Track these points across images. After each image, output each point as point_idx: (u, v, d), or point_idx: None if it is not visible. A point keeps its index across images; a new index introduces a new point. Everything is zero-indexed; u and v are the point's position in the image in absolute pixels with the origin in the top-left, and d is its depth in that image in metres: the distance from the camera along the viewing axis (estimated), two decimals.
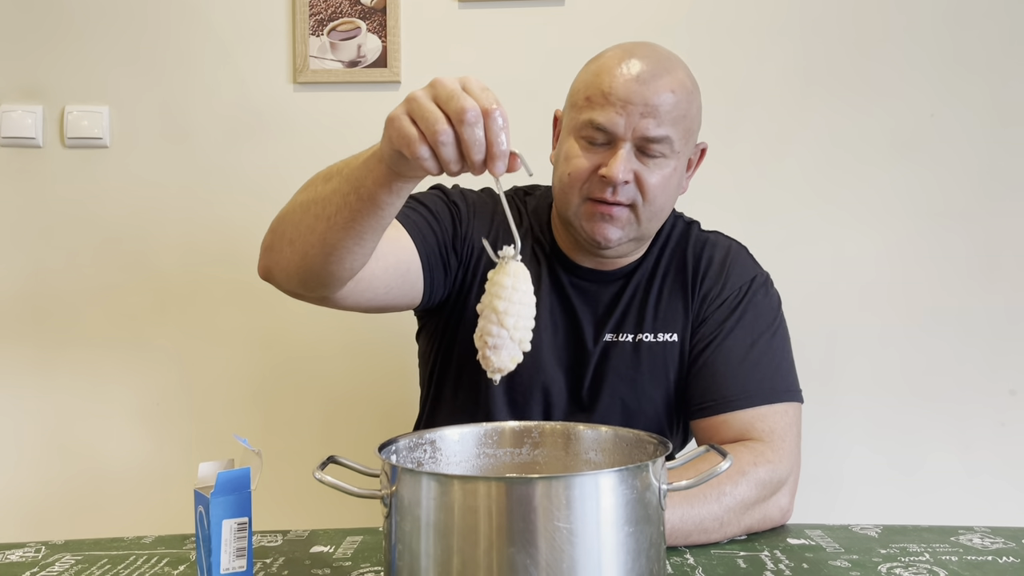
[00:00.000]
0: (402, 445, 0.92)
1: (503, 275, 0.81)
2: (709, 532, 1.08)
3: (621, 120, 1.17)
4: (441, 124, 0.78)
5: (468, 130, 0.77)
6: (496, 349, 0.80)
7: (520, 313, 0.80)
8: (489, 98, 0.78)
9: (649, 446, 0.90)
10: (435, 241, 1.26)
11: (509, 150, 0.78)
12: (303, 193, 1.06)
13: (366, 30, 1.81)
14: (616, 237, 1.22)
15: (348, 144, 1.82)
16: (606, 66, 1.20)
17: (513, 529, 0.73)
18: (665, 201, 1.23)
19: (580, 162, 1.20)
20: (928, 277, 1.84)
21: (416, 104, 0.80)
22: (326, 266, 1.04)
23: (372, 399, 1.86)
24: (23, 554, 1.07)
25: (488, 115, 0.77)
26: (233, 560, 0.88)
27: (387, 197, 0.92)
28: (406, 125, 0.80)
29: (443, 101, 0.79)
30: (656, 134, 1.17)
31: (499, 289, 0.80)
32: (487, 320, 0.80)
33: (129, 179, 1.85)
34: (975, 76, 1.82)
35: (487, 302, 0.81)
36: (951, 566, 1.01)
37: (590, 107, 1.19)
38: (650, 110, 1.17)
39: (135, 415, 1.87)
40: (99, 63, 1.83)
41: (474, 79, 0.80)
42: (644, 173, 1.19)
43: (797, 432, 1.23)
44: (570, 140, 1.22)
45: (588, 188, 1.21)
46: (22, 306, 1.85)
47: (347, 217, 0.96)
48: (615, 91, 1.17)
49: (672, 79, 1.19)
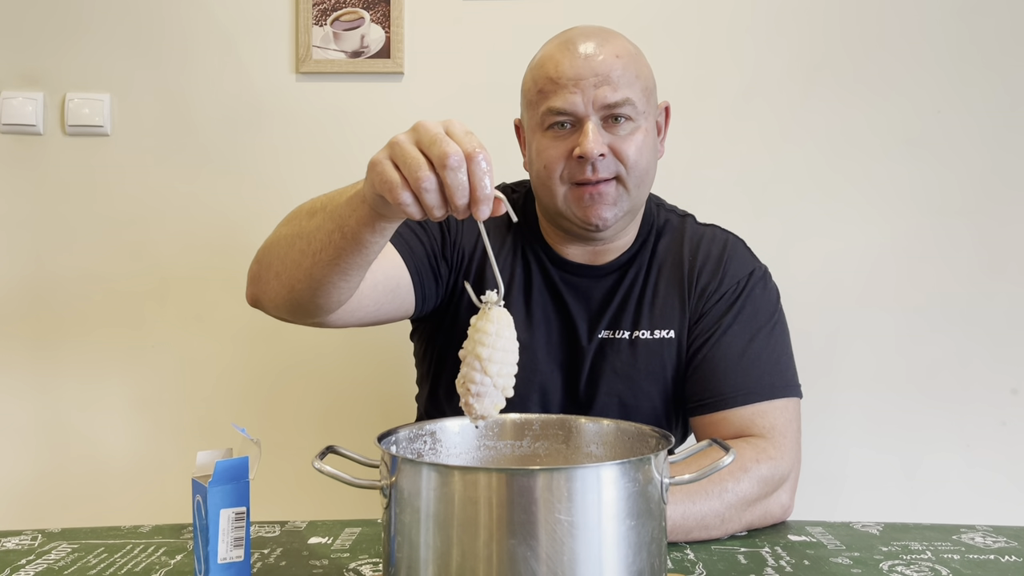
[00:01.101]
0: (402, 436, 0.91)
1: (486, 321, 0.79)
2: (710, 528, 1.08)
3: (578, 98, 1.17)
4: (423, 170, 0.77)
5: (451, 175, 0.76)
6: (479, 397, 0.79)
7: (503, 360, 0.79)
8: (472, 142, 0.77)
9: (651, 440, 0.90)
10: (424, 252, 1.25)
11: (493, 194, 0.77)
12: (287, 226, 1.07)
13: (369, 20, 1.80)
14: (611, 215, 1.21)
15: (350, 135, 1.84)
16: (548, 56, 1.21)
17: (514, 521, 0.73)
18: (647, 164, 1.23)
19: (552, 152, 1.20)
20: (931, 274, 1.83)
21: (399, 149, 0.79)
22: (313, 299, 1.05)
23: (370, 391, 1.86)
24: (19, 542, 1.06)
25: (471, 159, 0.76)
26: (231, 550, 0.87)
27: (371, 236, 0.92)
28: (388, 170, 0.79)
29: (425, 146, 0.78)
30: (616, 98, 1.18)
31: (482, 336, 0.79)
32: (470, 367, 0.79)
33: (130, 167, 1.84)
34: (981, 72, 1.81)
35: (470, 348, 0.79)
36: (953, 564, 1.00)
37: (545, 97, 1.19)
38: (602, 79, 1.17)
39: (133, 405, 1.86)
40: (100, 50, 1.83)
41: (457, 122, 0.79)
42: (618, 143, 1.19)
43: (797, 428, 1.22)
44: (537, 136, 1.22)
45: (568, 173, 1.20)
46: (20, 294, 1.84)
47: (332, 255, 0.97)
48: (563, 73, 1.18)
49: (613, 46, 1.20)
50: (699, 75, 1.82)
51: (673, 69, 1.81)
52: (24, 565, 0.98)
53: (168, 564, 0.99)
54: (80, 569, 0.97)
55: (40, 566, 0.98)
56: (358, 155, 1.83)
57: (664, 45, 1.81)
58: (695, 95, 1.81)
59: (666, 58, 1.81)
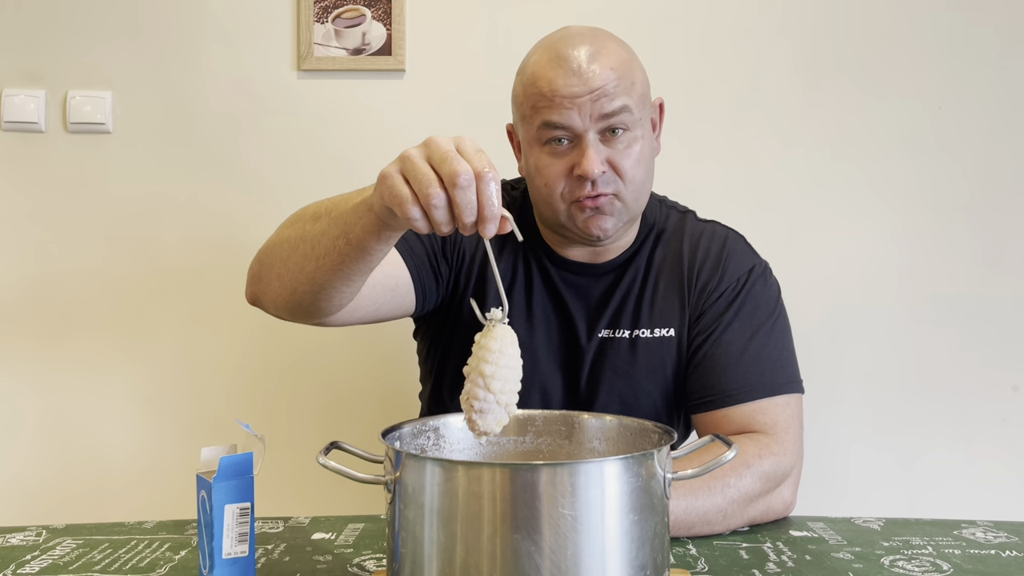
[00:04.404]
0: (406, 431, 0.92)
1: (490, 339, 0.80)
2: (712, 524, 1.08)
3: (574, 113, 1.16)
4: (434, 187, 0.78)
5: (461, 193, 0.77)
6: (482, 413, 0.80)
7: (507, 377, 0.80)
8: (483, 161, 0.78)
9: (654, 435, 0.90)
10: (424, 251, 1.26)
11: (500, 213, 0.79)
12: (291, 229, 1.08)
13: (371, 17, 1.80)
14: (611, 226, 1.21)
15: (351, 132, 1.84)
16: (539, 71, 1.19)
17: (517, 516, 0.73)
18: (644, 175, 1.22)
19: (552, 170, 1.20)
20: (933, 271, 1.83)
21: (410, 163, 0.80)
22: (315, 302, 1.07)
23: (373, 387, 1.86)
24: (24, 538, 1.07)
25: (481, 179, 0.77)
26: (235, 545, 0.88)
27: (376, 244, 0.94)
28: (399, 184, 0.80)
29: (436, 162, 0.79)
30: (612, 107, 1.16)
31: (486, 353, 0.80)
32: (474, 384, 0.80)
33: (131, 165, 1.84)
34: (983, 68, 1.81)
35: (474, 365, 0.81)
36: (954, 559, 1.00)
37: (539, 112, 1.18)
38: (598, 93, 1.16)
39: (137, 401, 1.87)
40: (102, 48, 1.83)
41: (468, 139, 0.80)
42: (617, 157, 1.18)
43: (799, 424, 1.22)
44: (534, 151, 1.21)
45: (569, 191, 1.20)
46: (23, 291, 1.85)
47: (336, 260, 0.98)
48: (558, 91, 1.16)
49: (606, 57, 1.18)
50: (702, 70, 1.82)
51: (676, 65, 1.81)
52: (29, 561, 0.99)
53: (172, 560, 0.99)
54: (84, 565, 0.97)
55: (45, 562, 0.98)
56: (360, 152, 1.84)
57: (668, 41, 1.81)
58: (698, 90, 1.81)
59: (670, 54, 1.82)
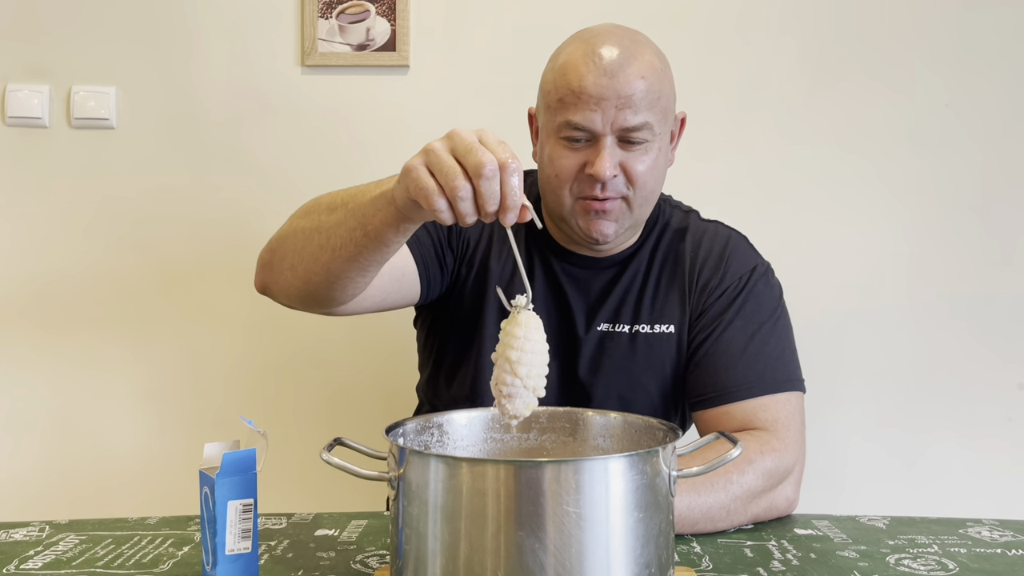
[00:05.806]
0: (409, 428, 0.92)
1: (515, 325, 0.83)
2: (716, 521, 1.08)
3: (597, 116, 1.16)
4: (460, 179, 0.80)
5: (486, 184, 0.80)
6: (511, 398, 0.83)
7: (532, 362, 0.83)
8: (506, 152, 0.81)
9: (658, 432, 0.90)
10: (430, 241, 1.27)
11: (521, 201, 0.81)
12: (305, 219, 1.09)
13: (375, 13, 1.79)
14: (612, 231, 1.22)
15: (355, 128, 1.83)
16: (572, 63, 1.18)
17: (522, 513, 0.73)
18: (655, 183, 1.23)
19: (565, 163, 1.20)
20: (938, 269, 1.83)
21: (435, 156, 0.82)
22: (329, 292, 1.09)
23: (376, 383, 1.86)
24: (27, 533, 1.07)
25: (505, 169, 0.80)
26: (238, 541, 0.87)
27: (393, 236, 0.96)
28: (424, 177, 0.82)
29: (461, 154, 0.81)
30: (635, 123, 1.16)
31: (512, 339, 0.83)
32: (501, 369, 0.83)
33: (135, 160, 1.84)
34: (991, 65, 1.80)
35: (501, 351, 0.83)
36: (960, 558, 1.00)
37: (564, 108, 1.18)
38: (624, 101, 1.15)
39: (139, 397, 1.87)
40: (106, 43, 1.82)
41: (490, 131, 0.83)
42: (630, 162, 1.19)
43: (801, 421, 1.22)
44: (551, 142, 1.22)
45: (578, 188, 1.20)
46: (26, 286, 1.85)
47: (352, 251, 1.00)
48: (586, 89, 1.16)
49: (640, 64, 1.17)
50: (707, 67, 1.81)
51: (681, 62, 1.80)
52: (32, 556, 0.99)
53: (175, 555, 0.99)
54: (88, 560, 0.97)
55: (48, 557, 0.98)
56: (364, 148, 1.84)
57: (673, 38, 1.79)
58: (703, 88, 1.81)
59: (674, 50, 1.80)
